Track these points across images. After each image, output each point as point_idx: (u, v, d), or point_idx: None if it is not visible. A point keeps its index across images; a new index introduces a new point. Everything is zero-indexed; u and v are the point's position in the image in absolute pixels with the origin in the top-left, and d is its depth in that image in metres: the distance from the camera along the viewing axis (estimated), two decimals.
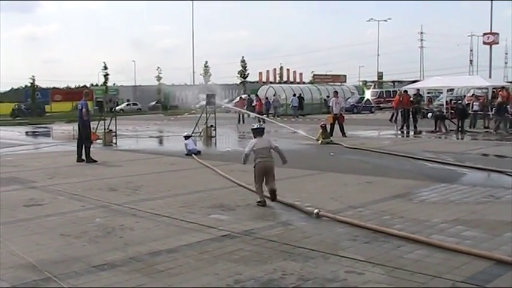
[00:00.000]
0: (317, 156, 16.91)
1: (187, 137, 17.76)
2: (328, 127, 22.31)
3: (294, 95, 45.93)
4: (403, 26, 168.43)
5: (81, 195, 10.25)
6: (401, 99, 28.90)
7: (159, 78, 75.35)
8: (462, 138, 23.24)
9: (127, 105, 71.98)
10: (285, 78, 73.27)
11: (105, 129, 21.45)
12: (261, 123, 36.25)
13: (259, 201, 9.09)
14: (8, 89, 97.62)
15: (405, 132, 26.74)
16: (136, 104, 75.00)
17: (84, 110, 16.11)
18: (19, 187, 11.46)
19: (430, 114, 29.49)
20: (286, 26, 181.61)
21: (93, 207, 9.20)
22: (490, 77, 48.32)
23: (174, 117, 36.93)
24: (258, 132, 9.78)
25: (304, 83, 70.85)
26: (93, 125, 18.36)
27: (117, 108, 57.87)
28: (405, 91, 31.34)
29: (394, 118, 30.78)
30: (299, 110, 43.76)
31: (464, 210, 8.36)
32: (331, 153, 16.98)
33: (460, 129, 25.43)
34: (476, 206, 8.69)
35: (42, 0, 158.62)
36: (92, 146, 16.66)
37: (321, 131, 20.99)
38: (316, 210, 8.00)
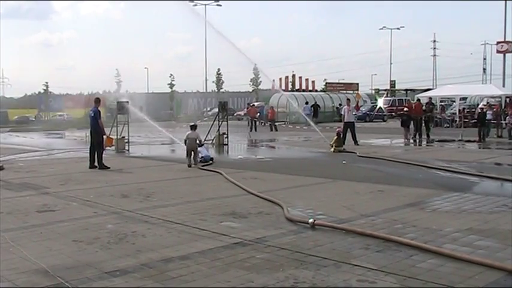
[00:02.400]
0: (329, 165, 16.89)
1: (200, 145, 17.78)
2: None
3: (307, 103, 45.65)
4: (416, 34, 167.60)
5: (94, 202, 10.30)
6: (413, 107, 28.86)
7: (171, 85, 75.55)
8: (480, 147, 23.06)
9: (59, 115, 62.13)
10: (297, 86, 73.15)
11: (117, 136, 21.56)
12: (274, 130, 36.56)
13: (188, 165, 16.00)
14: (22, 95, 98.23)
15: (417, 140, 26.66)
16: (61, 115, 62.19)
17: (100, 121, 16.27)
18: (32, 193, 11.53)
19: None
20: (299, 35, 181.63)
21: (106, 213, 9.24)
22: (503, 85, 48.01)
23: (186, 124, 37.04)
24: (193, 127, 16.65)
25: (316, 91, 70.67)
26: (107, 131, 18.49)
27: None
28: (418, 99, 31.26)
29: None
30: (314, 117, 43.41)
31: (477, 219, 8.31)
32: (344, 162, 16.94)
33: (482, 137, 25.23)
34: (490, 215, 8.63)
35: (57, 0, 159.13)
36: (104, 152, 16.75)
37: (336, 137, 20.96)
38: (311, 220, 7.93)
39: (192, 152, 16.22)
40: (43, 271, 5.93)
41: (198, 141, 16.33)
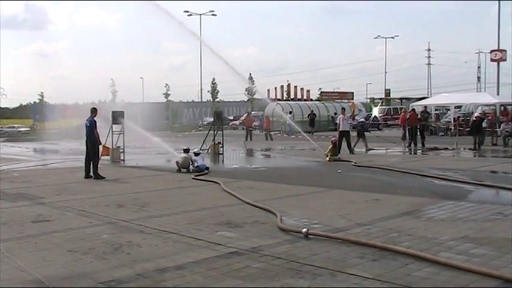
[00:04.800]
0: (324, 174, 16.89)
1: (196, 154, 17.82)
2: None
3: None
4: (410, 43, 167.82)
5: (89, 212, 10.27)
6: (407, 116, 28.95)
7: (167, 95, 75.55)
8: (475, 156, 23.09)
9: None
10: (292, 96, 73.23)
11: (113, 145, 21.52)
12: (269, 139, 36.53)
13: (178, 169, 17.50)
14: (17, 105, 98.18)
15: (413, 149, 26.72)
16: (12, 127, 62.05)
17: (95, 131, 16.26)
18: (27, 203, 11.50)
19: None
20: (294, 44, 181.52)
21: (101, 223, 9.22)
22: (497, 94, 48.19)
23: (181, 134, 37.02)
24: (186, 151, 17.89)
25: (311, 100, 70.77)
26: (103, 140, 18.45)
27: None
28: (413, 109, 31.39)
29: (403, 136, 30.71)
30: (310, 127, 43.17)
31: (472, 227, 8.32)
32: (339, 171, 16.95)
33: (477, 145, 25.26)
34: (485, 223, 8.64)
35: (53, 10, 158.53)
36: (99, 162, 16.73)
37: (331, 146, 20.98)
38: (304, 230, 7.91)
39: (184, 169, 17.58)
40: (38, 282, 5.91)
41: (190, 161, 17.54)
